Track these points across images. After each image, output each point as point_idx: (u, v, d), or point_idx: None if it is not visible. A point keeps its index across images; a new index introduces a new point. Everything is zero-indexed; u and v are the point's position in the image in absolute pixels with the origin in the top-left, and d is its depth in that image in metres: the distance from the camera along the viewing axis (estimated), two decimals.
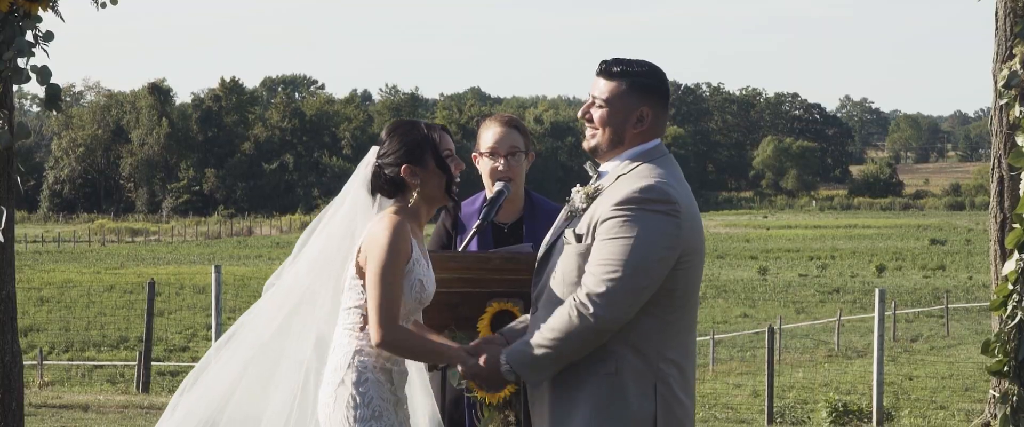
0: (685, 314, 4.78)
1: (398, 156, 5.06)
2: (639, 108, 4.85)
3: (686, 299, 4.76)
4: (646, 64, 4.91)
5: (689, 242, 4.70)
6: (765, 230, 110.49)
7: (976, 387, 27.75)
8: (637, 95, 4.85)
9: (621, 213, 4.65)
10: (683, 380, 4.80)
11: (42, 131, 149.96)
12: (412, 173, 5.05)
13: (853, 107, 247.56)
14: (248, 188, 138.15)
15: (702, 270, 4.85)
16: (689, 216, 4.71)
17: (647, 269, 4.60)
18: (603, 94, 4.87)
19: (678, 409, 4.77)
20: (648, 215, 4.63)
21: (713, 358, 33.91)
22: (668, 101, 4.95)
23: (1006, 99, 7.31)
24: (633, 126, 4.86)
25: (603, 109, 4.88)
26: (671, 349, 4.75)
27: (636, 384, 4.71)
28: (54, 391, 18.86)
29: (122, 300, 46.58)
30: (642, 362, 4.71)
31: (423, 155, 5.06)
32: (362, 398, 4.97)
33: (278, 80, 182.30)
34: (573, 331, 4.62)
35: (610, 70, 4.88)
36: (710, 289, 55.00)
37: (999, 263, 7.60)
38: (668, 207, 4.65)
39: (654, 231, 4.62)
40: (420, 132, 5.09)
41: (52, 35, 7.56)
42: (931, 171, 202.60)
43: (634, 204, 4.65)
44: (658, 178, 4.72)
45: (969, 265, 68.31)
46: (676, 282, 4.70)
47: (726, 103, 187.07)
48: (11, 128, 7.50)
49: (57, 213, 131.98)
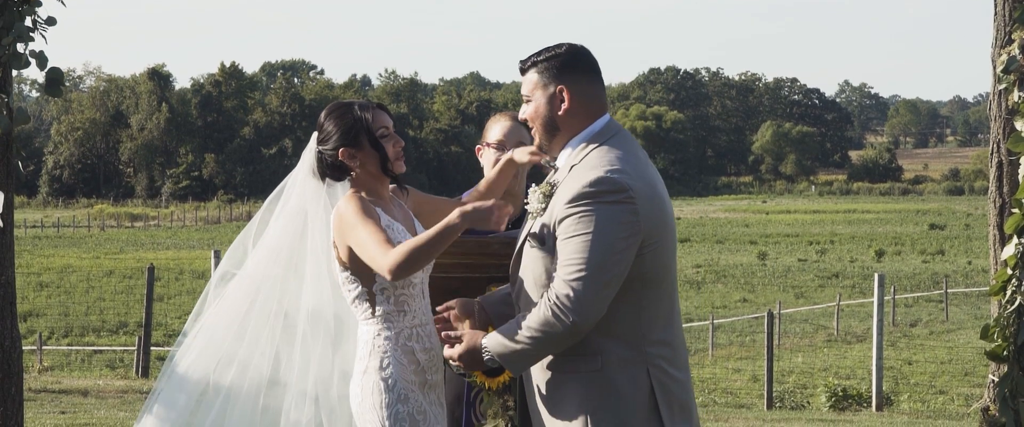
0: (662, 294, 4.78)
1: (335, 141, 5.15)
2: (554, 90, 4.83)
3: (660, 280, 4.75)
4: (559, 45, 4.90)
5: (650, 224, 4.67)
6: (764, 215, 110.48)
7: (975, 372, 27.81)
8: (550, 78, 4.84)
9: (575, 210, 4.64)
10: (674, 356, 4.80)
11: (41, 116, 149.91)
12: (350, 156, 5.12)
13: (852, 92, 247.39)
14: (247, 173, 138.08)
15: (673, 247, 4.82)
16: (646, 198, 4.68)
17: (610, 262, 4.59)
18: (526, 89, 4.90)
19: (675, 387, 4.78)
20: (602, 207, 4.61)
21: (712, 343, 33.95)
22: (594, 75, 4.88)
23: (1005, 84, 7.30)
24: (557, 109, 4.84)
25: (528, 103, 4.90)
26: (655, 331, 4.75)
27: (624, 374, 4.71)
28: (53, 376, 18.87)
29: (121, 285, 46.61)
30: (628, 350, 4.72)
31: (358, 137, 5.12)
32: (387, 383, 5.00)
33: (277, 65, 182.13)
34: (549, 331, 4.62)
35: (523, 66, 4.92)
36: (709, 274, 55.03)
37: (998, 248, 7.60)
38: (621, 196, 4.62)
39: (610, 222, 4.60)
40: (353, 114, 5.16)
41: (54, 20, 7.56)
42: (930, 156, 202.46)
43: (586, 199, 4.63)
44: (608, 166, 4.68)
45: (968, 250, 68.34)
46: (645, 265, 4.69)
47: (725, 88, 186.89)
48: (10, 113, 7.50)
49: (56, 198, 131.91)
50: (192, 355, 5.35)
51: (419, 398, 5.01)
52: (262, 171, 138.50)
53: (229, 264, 5.41)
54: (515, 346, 4.69)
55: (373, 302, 5.05)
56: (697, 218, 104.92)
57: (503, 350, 4.72)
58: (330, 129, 5.17)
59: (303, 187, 5.27)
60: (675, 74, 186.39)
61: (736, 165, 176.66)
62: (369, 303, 5.06)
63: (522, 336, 4.67)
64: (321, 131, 5.21)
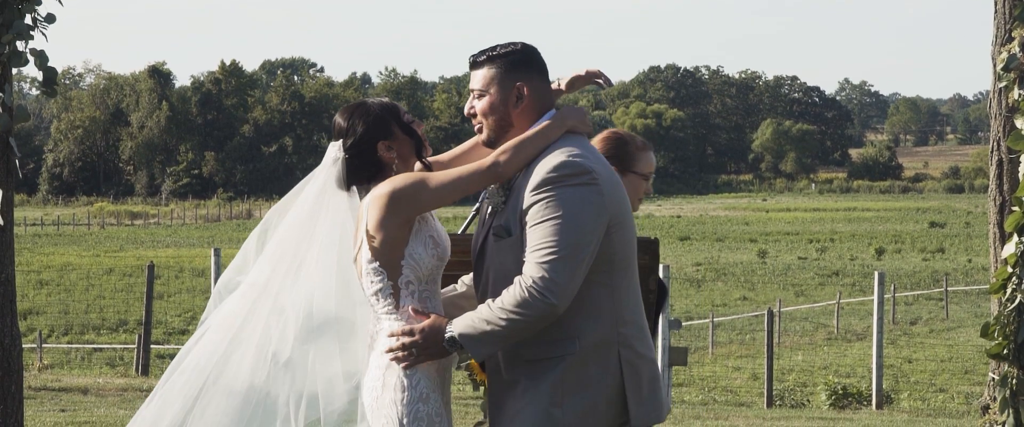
0: (628, 276, 4.85)
1: (368, 136, 5.04)
2: (514, 86, 4.91)
3: (627, 262, 4.83)
4: (513, 44, 4.99)
5: (614, 205, 4.75)
6: (764, 213, 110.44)
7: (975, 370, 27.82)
8: (510, 74, 4.92)
9: (542, 195, 4.70)
10: (642, 336, 4.88)
11: (41, 114, 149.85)
12: (387, 147, 5.04)
13: (852, 90, 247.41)
14: (247, 171, 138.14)
15: (634, 231, 4.90)
16: (608, 181, 4.77)
17: (582, 242, 4.65)
18: (479, 84, 4.95)
19: (643, 366, 4.85)
20: (568, 190, 4.68)
21: (712, 341, 33.95)
22: (546, 75, 5.00)
23: (1005, 82, 7.31)
24: (514, 106, 4.92)
25: (483, 98, 4.95)
26: (626, 311, 4.83)
27: (597, 357, 4.78)
28: (53, 374, 18.87)
29: (121, 283, 46.60)
30: (604, 332, 4.78)
31: (389, 126, 5.05)
32: (409, 380, 4.94)
33: (277, 63, 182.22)
34: (527, 312, 4.64)
35: (478, 60, 4.97)
36: (709, 272, 55.04)
37: (998, 246, 7.60)
38: (586, 177, 4.70)
39: (578, 203, 4.67)
40: (376, 107, 5.09)
41: (53, 17, 7.56)
42: (930, 154, 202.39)
43: (552, 184, 4.70)
44: (568, 153, 4.77)
45: (968, 248, 68.33)
46: (613, 247, 4.76)
47: (725, 86, 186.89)
48: (10, 111, 7.50)
49: (56, 196, 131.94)
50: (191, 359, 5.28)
51: (437, 400, 4.98)
52: (262, 169, 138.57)
53: (233, 272, 5.33)
54: (485, 328, 4.69)
55: (398, 296, 4.97)
56: (697, 216, 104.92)
57: (470, 331, 4.72)
58: (358, 127, 5.05)
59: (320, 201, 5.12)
60: (675, 72, 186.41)
61: (736, 163, 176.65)
62: (393, 297, 4.98)
63: (494, 317, 4.68)
64: (348, 133, 5.06)
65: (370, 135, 5.04)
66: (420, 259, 4.94)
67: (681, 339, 33.70)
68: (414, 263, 4.94)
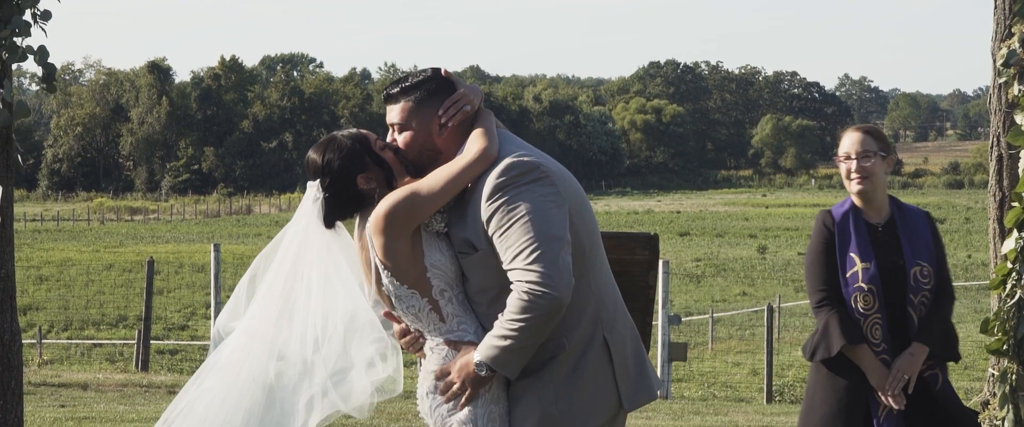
0: (597, 259, 4.89)
1: (345, 172, 4.99)
2: (434, 115, 4.92)
3: (593, 247, 4.87)
4: (424, 71, 5.00)
5: (569, 196, 4.78)
6: (764, 208, 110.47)
7: (975, 365, 27.83)
8: (428, 105, 4.92)
9: (498, 201, 4.70)
10: (619, 312, 4.91)
11: (41, 109, 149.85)
12: (367, 180, 4.98)
13: (852, 85, 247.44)
14: (247, 166, 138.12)
15: (594, 217, 4.93)
16: (557, 173, 4.79)
17: (555, 230, 4.67)
18: (398, 118, 4.94)
19: (627, 346, 4.89)
20: (522, 189, 4.70)
21: (712, 336, 33.96)
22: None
23: (1005, 78, 7.30)
24: (438, 134, 4.92)
25: (404, 131, 4.95)
26: (604, 293, 4.87)
27: (585, 353, 4.81)
28: (53, 370, 18.88)
29: (121, 279, 46.63)
30: (586, 323, 4.81)
31: (362, 159, 4.99)
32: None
33: (277, 58, 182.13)
34: (535, 314, 4.63)
35: (392, 94, 4.96)
36: (709, 267, 55.05)
37: (998, 242, 7.60)
38: (535, 173, 4.72)
39: (537, 196, 4.69)
40: (347, 141, 5.02)
41: (49, 14, 7.55)
42: (930, 150, 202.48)
43: (504, 187, 4.71)
44: (511, 153, 4.79)
45: (968, 244, 68.35)
46: (579, 235, 4.78)
47: (725, 82, 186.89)
48: (10, 106, 7.49)
49: (56, 191, 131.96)
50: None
51: (506, 402, 4.92)
52: (262, 164, 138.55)
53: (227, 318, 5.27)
54: (504, 344, 4.69)
55: (439, 309, 4.92)
56: (697, 212, 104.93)
57: (493, 352, 4.72)
58: (334, 163, 4.99)
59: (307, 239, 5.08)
60: (675, 68, 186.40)
61: (736, 159, 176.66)
62: (436, 312, 4.93)
63: (508, 332, 4.67)
64: (325, 171, 5.00)
65: (347, 171, 4.98)
66: (442, 264, 4.89)
67: (681, 335, 33.73)
68: (439, 270, 4.89)
